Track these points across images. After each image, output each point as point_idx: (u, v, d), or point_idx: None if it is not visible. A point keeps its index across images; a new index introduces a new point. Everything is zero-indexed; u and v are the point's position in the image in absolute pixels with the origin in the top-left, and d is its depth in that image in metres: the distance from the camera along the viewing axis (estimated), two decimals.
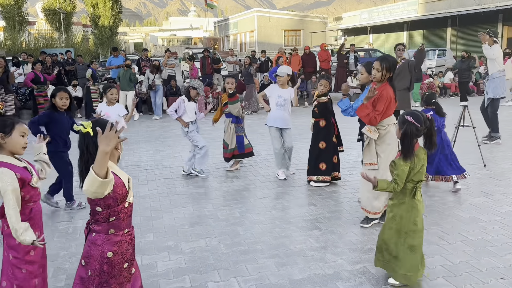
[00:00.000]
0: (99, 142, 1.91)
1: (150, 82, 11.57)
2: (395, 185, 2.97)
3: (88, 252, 2.19)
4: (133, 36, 65.24)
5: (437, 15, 25.97)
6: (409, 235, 3.04)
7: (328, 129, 5.45)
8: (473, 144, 6.71)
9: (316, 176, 5.46)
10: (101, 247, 2.17)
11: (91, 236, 2.19)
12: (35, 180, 2.56)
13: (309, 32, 39.33)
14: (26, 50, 22.24)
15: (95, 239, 2.18)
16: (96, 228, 2.18)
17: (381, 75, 3.96)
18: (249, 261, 3.55)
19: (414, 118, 2.98)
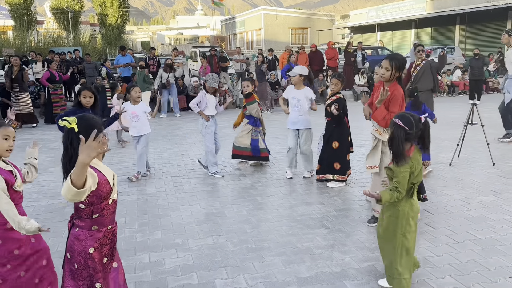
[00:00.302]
0: (80, 151, 1.83)
1: (164, 80, 11.64)
2: (398, 194, 2.81)
3: (71, 247, 2.21)
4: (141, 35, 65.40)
5: (445, 12, 25.74)
6: (405, 237, 2.94)
7: (342, 128, 5.36)
8: (482, 143, 6.66)
9: (332, 175, 5.38)
10: (84, 242, 2.19)
11: (74, 231, 2.22)
12: (18, 184, 2.59)
13: (316, 30, 39.22)
14: (34, 49, 22.42)
15: (78, 234, 2.20)
16: (79, 223, 2.20)
17: (390, 74, 3.82)
18: (256, 259, 3.56)
19: (403, 121, 2.82)
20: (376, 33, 32.16)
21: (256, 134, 6.25)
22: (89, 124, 2.19)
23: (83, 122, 2.19)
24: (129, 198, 5.13)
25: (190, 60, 24.09)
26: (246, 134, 6.23)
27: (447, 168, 6.03)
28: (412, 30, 29.69)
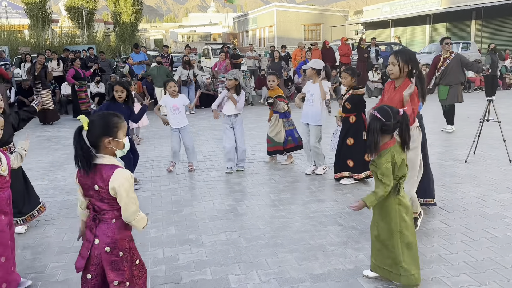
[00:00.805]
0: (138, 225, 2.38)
1: (185, 77, 11.75)
2: (384, 186, 2.80)
3: (112, 237, 2.35)
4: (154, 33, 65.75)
5: (461, 7, 25.33)
6: (402, 233, 2.90)
7: (359, 125, 5.28)
8: (499, 140, 6.55)
9: (348, 172, 5.34)
10: (124, 228, 2.40)
11: (111, 223, 2.35)
12: (2, 169, 2.86)
13: (329, 26, 38.96)
14: (49, 47, 22.72)
15: (118, 224, 2.37)
16: (114, 214, 2.35)
17: (398, 69, 3.64)
18: (269, 255, 3.57)
19: (380, 113, 2.82)
20: (390, 29, 31.82)
21: (288, 124, 6.27)
22: (105, 122, 2.34)
23: (99, 121, 2.33)
24: (144, 194, 5.18)
25: (202, 58, 24.17)
26: (280, 129, 6.24)
27: (463, 165, 5.96)
28: (427, 26, 29.30)
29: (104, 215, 2.35)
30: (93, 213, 2.37)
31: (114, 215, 2.35)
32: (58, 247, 3.86)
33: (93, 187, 2.31)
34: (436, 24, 28.65)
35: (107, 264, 2.35)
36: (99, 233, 2.34)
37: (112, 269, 2.35)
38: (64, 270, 3.44)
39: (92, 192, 2.33)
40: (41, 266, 3.52)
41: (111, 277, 2.35)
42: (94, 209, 2.37)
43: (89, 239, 2.37)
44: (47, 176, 6.12)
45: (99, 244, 2.34)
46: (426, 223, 4.07)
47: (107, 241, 2.34)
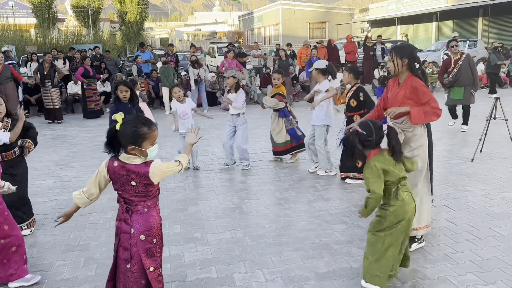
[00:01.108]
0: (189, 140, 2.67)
1: (196, 76, 11.79)
2: (371, 194, 2.79)
3: (146, 226, 2.48)
4: (159, 32, 65.92)
5: (468, 4, 25.11)
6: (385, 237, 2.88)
7: None
8: (505, 138, 6.51)
9: (353, 173, 5.30)
10: (157, 216, 2.55)
11: (144, 211, 2.48)
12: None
13: (335, 24, 38.81)
14: (56, 46, 22.84)
15: (151, 213, 2.51)
16: (147, 203, 2.49)
17: (393, 65, 3.48)
18: (274, 254, 3.57)
19: (362, 127, 2.86)
20: (396, 27, 31.63)
21: (289, 123, 6.22)
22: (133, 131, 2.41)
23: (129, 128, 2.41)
24: None
25: (208, 56, 24.19)
26: (281, 128, 6.20)
27: (469, 164, 5.92)
28: (433, 23, 29.09)
29: (137, 206, 2.47)
30: (124, 205, 2.49)
31: (146, 205, 2.49)
32: (64, 245, 3.88)
33: (129, 183, 2.43)
34: (442, 22, 28.44)
35: (143, 252, 2.47)
36: (134, 223, 2.46)
37: (147, 256, 2.48)
38: (70, 268, 3.46)
39: (127, 187, 2.44)
40: (47, 264, 3.54)
41: (147, 264, 2.48)
42: (125, 201, 2.49)
43: (126, 230, 2.47)
44: (54, 174, 6.16)
45: (135, 233, 2.46)
46: (432, 222, 4.04)
47: (141, 229, 2.47)
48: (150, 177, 2.40)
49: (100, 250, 3.76)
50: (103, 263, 3.52)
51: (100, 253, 3.71)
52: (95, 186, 2.54)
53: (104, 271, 3.39)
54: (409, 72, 3.50)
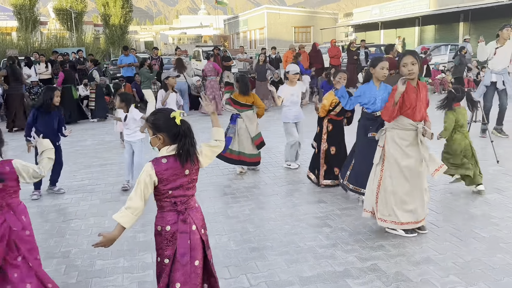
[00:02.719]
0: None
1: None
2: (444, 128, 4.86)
3: (202, 220, 2.54)
4: (144, 35, 65.47)
5: (449, 9, 25.59)
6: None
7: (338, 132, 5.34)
8: (486, 140, 6.62)
9: (331, 180, 5.32)
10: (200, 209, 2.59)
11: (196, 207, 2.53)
12: None
13: (320, 29, 39.11)
14: (38, 49, 22.50)
15: (199, 206, 2.57)
16: (195, 198, 2.54)
17: (418, 68, 3.63)
18: (259, 258, 3.55)
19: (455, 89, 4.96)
20: (379, 31, 32.03)
21: (231, 131, 5.99)
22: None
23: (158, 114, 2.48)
24: None
25: (193, 60, 24.12)
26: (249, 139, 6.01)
27: None
28: (416, 28, 29.56)
29: (189, 203, 2.47)
30: (181, 206, 2.43)
31: (195, 200, 2.54)
32: (45, 252, 3.80)
33: (183, 173, 2.41)
34: (425, 26, 28.91)
35: (207, 244, 2.53)
36: (194, 219, 2.46)
37: (208, 247, 2.55)
38: (51, 276, 3.37)
39: (182, 180, 2.41)
40: None
41: (209, 255, 2.55)
42: (181, 201, 2.43)
43: (186, 230, 2.42)
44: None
45: (197, 229, 2.47)
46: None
47: (201, 224, 2.51)
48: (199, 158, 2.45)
49: (82, 258, 3.69)
50: (85, 270, 3.46)
51: (81, 260, 3.64)
52: (140, 199, 2.40)
53: (85, 278, 3.34)
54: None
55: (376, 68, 4.36)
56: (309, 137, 7.89)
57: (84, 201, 5.17)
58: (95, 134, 9.50)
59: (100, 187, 5.70)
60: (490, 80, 7.37)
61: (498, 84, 7.30)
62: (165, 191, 2.40)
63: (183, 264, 2.39)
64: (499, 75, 7.28)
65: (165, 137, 2.41)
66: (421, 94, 3.73)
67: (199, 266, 2.46)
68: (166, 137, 2.41)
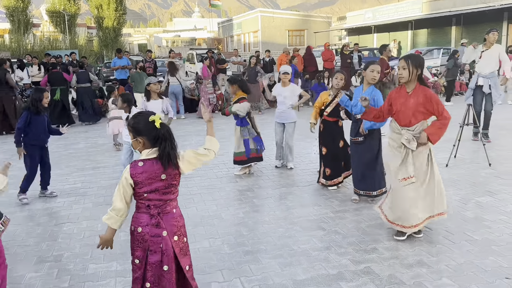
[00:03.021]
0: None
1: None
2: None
3: (176, 226, 2.51)
4: (137, 37, 65.31)
5: (441, 13, 25.82)
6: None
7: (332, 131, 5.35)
8: (478, 143, 6.68)
9: (325, 180, 5.38)
10: (182, 216, 2.60)
11: (173, 213, 2.51)
12: None
13: (313, 32, 39.27)
14: (30, 52, 22.38)
15: (178, 212, 2.56)
16: (173, 204, 2.53)
17: (408, 73, 3.62)
18: (252, 262, 3.55)
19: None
20: (372, 35, 32.24)
21: (246, 133, 6.01)
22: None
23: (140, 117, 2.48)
24: None
25: (187, 62, 24.09)
26: (238, 137, 6.04)
27: (444, 169, 6.04)
28: (409, 31, 29.79)
29: (166, 207, 2.47)
30: (155, 209, 2.45)
31: (174, 205, 2.53)
32: (37, 256, 3.77)
33: (159, 178, 2.41)
34: (417, 30, 29.15)
35: (178, 252, 2.51)
36: (166, 225, 2.46)
37: (182, 255, 2.53)
38: (43, 280, 3.36)
39: (158, 184, 2.41)
40: (18, 276, 3.43)
41: (183, 263, 2.52)
42: (155, 205, 2.45)
43: (158, 234, 2.45)
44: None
45: (168, 235, 2.47)
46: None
47: (174, 230, 2.49)
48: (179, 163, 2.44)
49: (74, 261, 3.66)
50: (77, 274, 3.44)
51: (74, 264, 3.62)
52: (121, 201, 2.45)
53: (77, 282, 3.31)
54: (417, 81, 3.69)
55: (367, 71, 4.49)
56: (301, 139, 7.93)
57: (77, 204, 5.14)
58: (88, 137, 9.46)
59: (92, 190, 5.67)
60: (475, 84, 7.43)
61: (485, 88, 7.36)
62: (140, 193, 2.44)
63: (153, 266, 2.46)
64: (486, 79, 7.34)
65: (145, 140, 2.42)
66: (411, 100, 3.67)
67: (169, 272, 2.47)
68: (146, 140, 2.42)
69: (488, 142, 7.39)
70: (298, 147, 7.44)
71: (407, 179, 3.73)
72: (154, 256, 2.45)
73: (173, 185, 2.48)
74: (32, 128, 5.11)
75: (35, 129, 5.12)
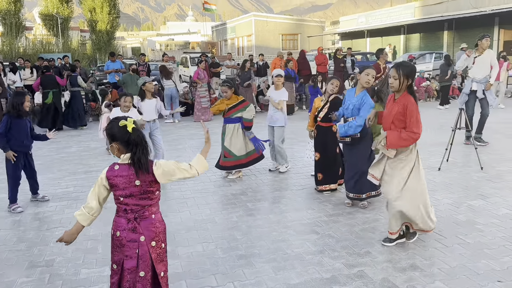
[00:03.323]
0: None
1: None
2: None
3: (154, 232, 2.50)
4: (131, 41, 65.21)
5: (433, 18, 26.05)
6: None
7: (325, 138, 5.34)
8: (470, 147, 6.73)
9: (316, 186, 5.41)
10: (163, 221, 2.60)
11: (152, 218, 2.50)
12: None
13: (307, 36, 39.44)
14: (23, 55, 22.25)
15: (158, 218, 2.55)
16: (153, 209, 2.52)
17: (398, 83, 3.57)
18: (246, 266, 3.54)
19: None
20: (365, 39, 32.43)
21: (249, 134, 6.06)
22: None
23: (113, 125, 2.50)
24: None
25: (181, 66, 24.08)
26: (242, 140, 6.01)
27: (437, 173, 6.08)
28: (401, 36, 30.00)
29: (144, 213, 2.48)
30: (132, 214, 2.46)
31: (153, 211, 2.52)
32: (28, 261, 3.73)
33: (134, 183, 2.41)
34: (410, 35, 29.37)
35: (155, 257, 2.51)
36: (144, 230, 2.46)
37: (159, 261, 2.53)
38: (34, 285, 3.32)
39: (133, 189, 2.42)
40: (9, 282, 3.39)
41: (158, 269, 2.52)
42: (132, 210, 2.46)
43: (134, 239, 2.45)
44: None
45: (146, 241, 2.47)
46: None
47: (152, 236, 2.49)
48: (154, 171, 2.43)
49: (66, 266, 3.63)
50: (69, 279, 3.40)
51: (66, 269, 3.58)
52: (95, 199, 2.48)
53: (69, 287, 3.28)
54: (406, 90, 3.64)
55: (362, 74, 4.51)
56: (294, 143, 7.94)
57: (69, 208, 5.09)
58: (81, 140, 9.40)
59: (85, 194, 5.63)
60: (469, 89, 7.50)
61: (478, 92, 7.43)
62: (116, 197, 2.46)
63: (129, 271, 2.46)
64: (480, 84, 7.41)
65: (119, 145, 2.44)
66: (395, 108, 3.61)
67: (145, 278, 2.47)
68: (120, 146, 2.44)
69: (486, 145, 7.46)
70: (291, 151, 7.45)
71: (374, 177, 3.85)
72: (129, 261, 2.46)
73: (150, 191, 2.47)
74: (14, 133, 4.93)
75: (17, 134, 4.94)
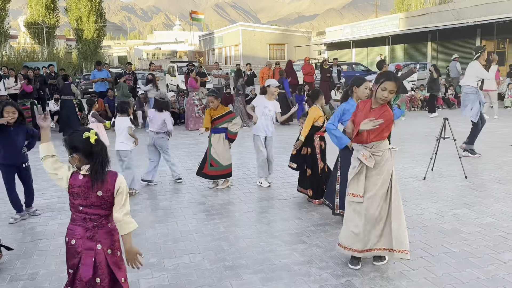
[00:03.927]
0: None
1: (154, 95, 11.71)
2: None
3: (111, 240, 2.54)
4: (117, 50, 64.95)
5: (417, 29, 26.54)
6: None
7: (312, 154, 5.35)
8: (455, 156, 6.82)
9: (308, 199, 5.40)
10: (117, 230, 2.58)
11: (108, 226, 2.53)
12: None
13: (293, 46, 39.76)
14: (7, 63, 21.96)
15: (113, 226, 2.56)
16: (110, 218, 2.54)
17: (393, 95, 3.46)
18: (233, 277, 3.51)
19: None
20: (351, 50, 32.81)
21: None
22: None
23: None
24: None
25: (168, 75, 24.03)
26: (227, 150, 6.05)
27: (421, 182, 6.14)
28: (386, 47, 30.43)
29: (102, 221, 2.51)
30: (91, 223, 2.49)
31: (110, 220, 2.54)
32: (11, 274, 3.65)
33: (95, 194, 2.44)
34: (394, 45, 29.81)
35: (112, 265, 2.53)
36: (101, 239, 2.50)
37: (117, 268, 2.56)
38: None
39: (94, 200, 2.45)
40: None
41: (118, 276, 2.55)
42: (91, 219, 2.49)
43: (91, 247, 2.48)
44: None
45: (102, 248, 2.50)
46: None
47: (108, 244, 2.53)
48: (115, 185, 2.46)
49: (50, 279, 3.55)
50: None
51: (49, 282, 3.51)
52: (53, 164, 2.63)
53: None
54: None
55: (360, 88, 4.35)
56: (282, 152, 7.96)
57: (53, 220, 5.01)
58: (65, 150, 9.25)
59: None
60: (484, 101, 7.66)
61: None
62: (75, 206, 2.48)
63: (84, 280, 2.46)
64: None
65: (81, 156, 2.46)
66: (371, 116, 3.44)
67: (101, 284, 2.50)
68: (81, 157, 2.47)
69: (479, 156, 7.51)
70: (278, 160, 7.46)
71: (355, 196, 3.56)
72: (85, 268, 2.46)
73: (110, 202, 2.50)
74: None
75: (1, 145, 4.74)
